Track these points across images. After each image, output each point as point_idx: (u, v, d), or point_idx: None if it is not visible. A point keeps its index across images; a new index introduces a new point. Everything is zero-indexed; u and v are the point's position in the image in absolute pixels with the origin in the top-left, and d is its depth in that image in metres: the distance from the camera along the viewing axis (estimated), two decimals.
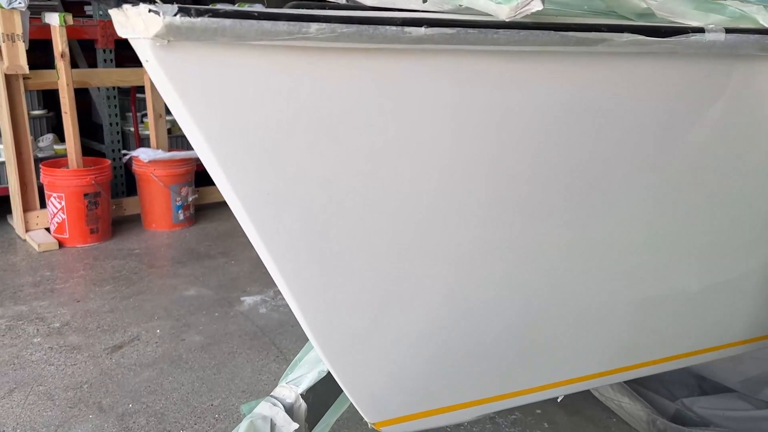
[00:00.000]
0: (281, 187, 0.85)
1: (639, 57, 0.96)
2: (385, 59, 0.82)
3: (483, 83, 0.90)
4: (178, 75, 0.74)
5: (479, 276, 1.12)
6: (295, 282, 0.93)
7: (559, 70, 0.92)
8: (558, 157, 1.03)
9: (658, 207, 1.16)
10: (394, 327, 1.07)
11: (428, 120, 0.89)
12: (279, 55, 0.77)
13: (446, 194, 0.97)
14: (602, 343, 1.31)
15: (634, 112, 1.02)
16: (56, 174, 3.88)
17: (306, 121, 0.82)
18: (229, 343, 2.86)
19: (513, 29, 0.84)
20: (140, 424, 2.28)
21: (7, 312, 3.10)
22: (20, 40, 3.73)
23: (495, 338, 1.19)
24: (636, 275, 1.25)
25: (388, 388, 1.12)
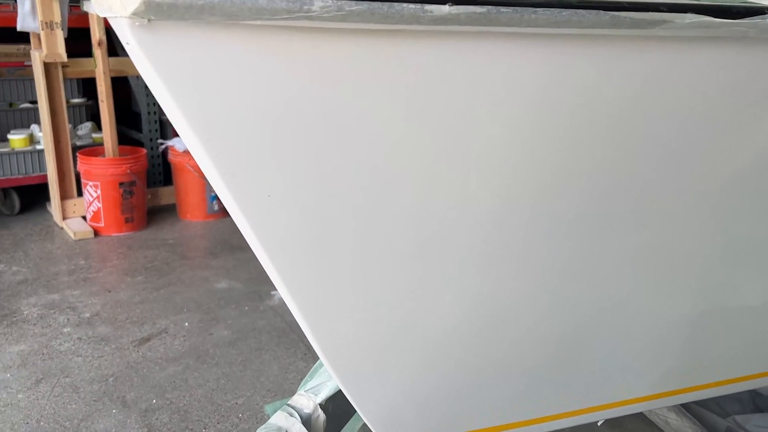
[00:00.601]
0: (283, 188, 0.75)
1: (705, 42, 0.82)
2: (402, 43, 0.71)
3: (518, 72, 0.77)
4: (162, 60, 0.65)
5: (511, 287, 1.00)
6: (300, 294, 0.83)
7: (609, 57, 0.79)
8: (608, 157, 0.90)
9: (719, 214, 1.03)
10: (412, 343, 0.97)
11: (451, 113, 0.78)
12: (277, 37, 0.66)
13: (471, 196, 0.86)
14: (650, 364, 1.18)
15: (700, 106, 0.89)
16: (92, 162, 3.88)
17: (309, 113, 0.72)
18: (257, 339, 2.79)
19: (554, 8, 0.72)
20: (163, 421, 2.23)
21: (40, 300, 3.10)
22: (59, 28, 3.73)
23: (527, 356, 1.07)
24: (693, 290, 1.11)
25: (404, 408, 1.02)
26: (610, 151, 0.89)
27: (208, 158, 0.71)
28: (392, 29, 0.69)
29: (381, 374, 0.97)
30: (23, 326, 2.85)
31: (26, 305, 3.05)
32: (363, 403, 0.98)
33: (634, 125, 0.87)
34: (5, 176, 4.10)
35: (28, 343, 2.71)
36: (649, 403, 1.25)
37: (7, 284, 3.26)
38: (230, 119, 0.70)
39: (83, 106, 4.58)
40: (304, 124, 0.73)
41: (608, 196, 0.95)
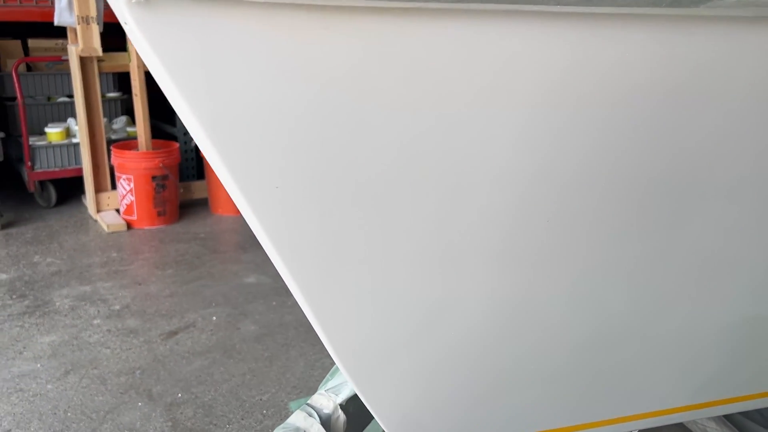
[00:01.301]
0: (293, 181, 0.70)
1: (759, 23, 0.75)
2: (423, 22, 0.65)
3: (547, 58, 0.71)
4: (162, 41, 0.60)
5: (533, 290, 0.94)
6: (308, 283, 0.79)
7: (650, 40, 0.72)
8: (646, 150, 0.83)
9: (765, 216, 0.95)
10: (426, 339, 0.91)
11: (475, 101, 0.72)
12: (286, 17, 0.61)
13: (492, 192, 0.80)
14: (688, 373, 1.10)
15: (751, 95, 0.81)
16: (125, 156, 3.92)
17: (320, 100, 0.67)
18: (284, 335, 2.77)
19: None
20: (187, 415, 2.22)
21: (73, 292, 3.13)
22: (94, 22, 3.77)
23: (553, 362, 1.01)
24: (736, 296, 1.03)
25: (420, 412, 0.97)
26: (647, 145, 0.82)
27: (211, 146, 0.67)
28: (411, 7, 0.63)
29: (396, 377, 0.92)
30: (55, 317, 2.88)
31: (58, 296, 3.08)
32: (378, 405, 0.93)
33: (678, 116, 0.80)
34: (42, 169, 4.17)
35: (58, 334, 2.74)
36: (687, 414, 1.18)
37: (41, 275, 3.31)
38: (235, 105, 0.66)
39: (118, 100, 4.63)
40: (315, 112, 0.68)
41: (642, 192, 0.88)
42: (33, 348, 2.63)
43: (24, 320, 2.85)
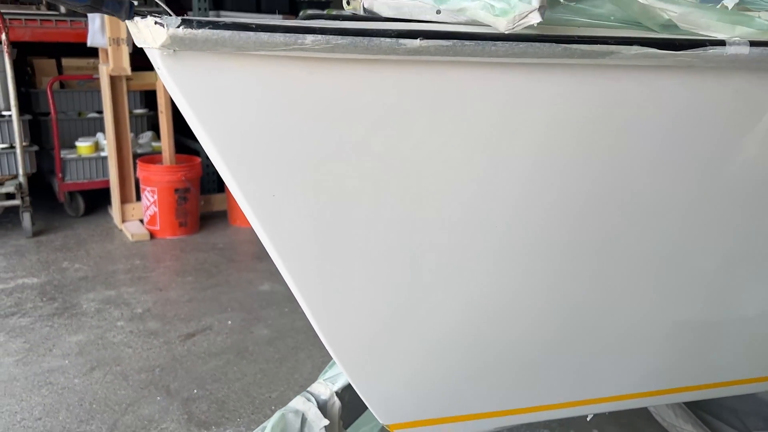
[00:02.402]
0: (287, 190, 0.88)
1: (656, 70, 0.92)
2: (383, 70, 0.83)
3: (484, 96, 0.89)
4: (185, 82, 0.79)
5: (510, 284, 1.10)
6: (303, 280, 0.96)
7: (566, 83, 0.90)
8: (580, 172, 1.00)
9: (678, 226, 1.10)
10: (409, 331, 1.08)
11: (428, 129, 0.90)
12: (279, 64, 0.80)
13: (452, 200, 0.97)
14: (637, 364, 1.25)
15: (651, 128, 0.98)
16: (150, 169, 4.14)
17: (307, 128, 0.85)
18: (294, 338, 2.94)
19: (513, 41, 0.83)
20: (202, 409, 2.39)
21: (99, 296, 3.34)
22: (125, 44, 4.02)
23: (519, 349, 1.17)
24: (688, 293, 1.19)
25: (401, 391, 1.13)
26: (572, 166, 0.99)
27: (223, 163, 0.85)
28: (372, 59, 0.82)
29: (379, 359, 1.08)
30: (82, 318, 3.08)
31: (85, 300, 3.29)
32: (366, 389, 1.09)
33: (590, 144, 0.97)
34: (72, 180, 4.41)
35: (85, 334, 2.94)
36: (633, 401, 1.32)
37: (69, 280, 3.52)
38: (241, 131, 0.84)
39: (144, 117, 4.87)
40: (303, 137, 0.86)
41: (587, 209, 1.04)
42: (62, 346, 2.83)
43: (53, 321, 3.06)
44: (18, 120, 3.99)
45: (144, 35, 0.79)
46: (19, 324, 3.02)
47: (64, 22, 4.33)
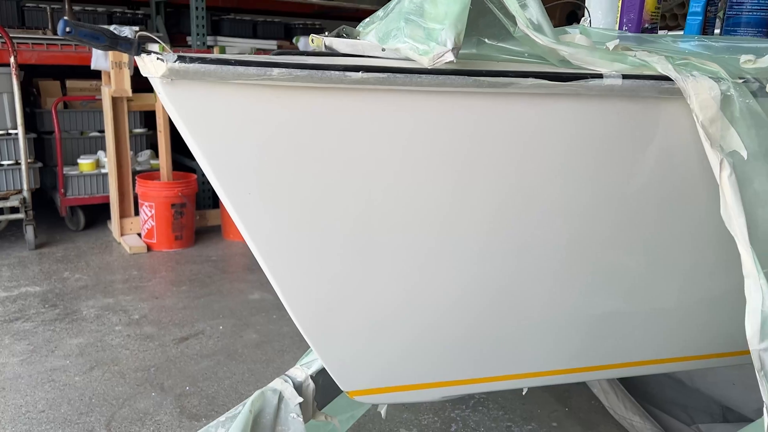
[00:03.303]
0: (259, 188, 1.10)
1: (549, 97, 1.15)
2: (333, 96, 1.06)
3: (415, 117, 1.11)
4: (180, 104, 1.01)
5: (443, 274, 1.31)
6: (267, 249, 1.16)
7: (478, 107, 1.12)
8: (492, 185, 1.23)
9: (576, 225, 1.32)
10: (359, 308, 1.28)
11: (370, 144, 1.12)
12: (252, 90, 1.02)
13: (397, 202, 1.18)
14: (561, 343, 1.46)
15: (548, 144, 1.20)
16: (148, 185, 4.36)
17: (279, 144, 1.08)
18: (281, 342, 3.15)
19: (434, 74, 1.06)
20: (193, 403, 2.59)
21: (98, 303, 3.54)
22: (126, 67, 4.26)
23: (456, 328, 1.37)
24: (584, 289, 1.40)
25: (357, 361, 1.34)
26: (486, 176, 1.21)
27: (209, 167, 1.07)
28: (325, 87, 1.04)
29: (337, 330, 1.28)
30: (82, 323, 3.28)
31: (85, 306, 3.49)
32: (322, 351, 1.30)
33: (500, 158, 1.19)
34: (74, 196, 4.63)
35: (85, 337, 3.13)
36: (562, 377, 1.52)
37: (70, 289, 3.72)
38: (224, 142, 1.06)
39: (144, 136, 5.10)
40: (272, 147, 1.08)
41: (498, 207, 1.26)
42: (63, 348, 3.03)
43: (55, 325, 3.26)
44: (24, 138, 4.22)
45: (148, 67, 1.01)
46: (23, 328, 3.21)
47: (69, 46, 4.57)
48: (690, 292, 1.46)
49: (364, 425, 2.47)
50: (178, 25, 6.04)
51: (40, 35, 4.96)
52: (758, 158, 1.15)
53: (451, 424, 2.50)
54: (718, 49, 1.38)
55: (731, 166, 1.14)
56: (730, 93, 1.15)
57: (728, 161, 1.14)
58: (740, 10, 1.59)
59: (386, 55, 1.16)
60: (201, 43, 5.02)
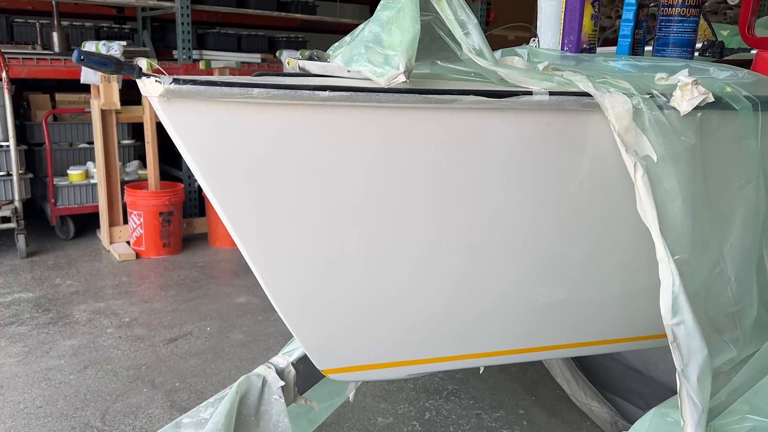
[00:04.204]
0: (243, 189, 1.29)
1: (489, 111, 1.35)
2: (305, 111, 1.25)
3: (374, 129, 1.30)
4: (175, 119, 1.19)
5: (403, 265, 1.50)
6: (250, 244, 1.34)
7: (429, 120, 1.32)
8: (444, 188, 1.43)
9: (529, 223, 1.52)
10: (335, 292, 1.46)
11: (337, 154, 1.31)
12: (236, 107, 1.20)
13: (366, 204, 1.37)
14: (513, 325, 1.65)
15: (489, 151, 1.40)
16: (137, 194, 4.52)
17: (259, 153, 1.27)
18: (266, 342, 3.32)
19: (390, 93, 1.25)
20: (183, 398, 2.76)
21: (89, 307, 3.69)
22: (115, 81, 4.43)
23: (420, 313, 1.55)
24: (535, 277, 1.60)
25: (332, 342, 1.52)
26: (439, 179, 1.40)
27: (199, 171, 1.25)
28: (298, 103, 1.23)
29: (312, 312, 1.46)
30: (75, 326, 3.43)
31: (78, 311, 3.64)
32: (298, 333, 1.48)
33: (450, 163, 1.39)
34: (64, 206, 4.77)
35: (78, 339, 3.28)
36: (514, 356, 1.71)
37: (62, 294, 3.87)
38: (212, 150, 1.24)
39: (132, 147, 5.25)
40: (254, 156, 1.27)
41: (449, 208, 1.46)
42: (57, 349, 3.18)
43: (49, 329, 3.40)
44: (15, 150, 4.37)
45: (148, 88, 1.19)
46: (18, 331, 3.36)
47: (59, 60, 4.73)
48: (623, 279, 1.66)
49: (343, 415, 2.65)
50: (164, 39, 6.21)
51: (29, 50, 5.12)
52: (666, 161, 1.35)
53: (425, 412, 2.69)
54: (642, 67, 1.59)
55: (644, 168, 1.34)
56: (640, 106, 1.36)
57: (641, 164, 1.35)
58: (668, 32, 1.80)
59: (351, 75, 1.36)
60: (187, 57, 5.19)
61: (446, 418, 2.65)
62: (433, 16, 1.37)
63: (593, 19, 1.81)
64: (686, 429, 1.40)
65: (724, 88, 1.43)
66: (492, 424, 2.62)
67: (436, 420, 2.63)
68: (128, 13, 6.23)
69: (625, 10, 1.77)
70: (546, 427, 2.61)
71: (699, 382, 1.38)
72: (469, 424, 2.62)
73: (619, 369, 2.92)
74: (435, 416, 2.66)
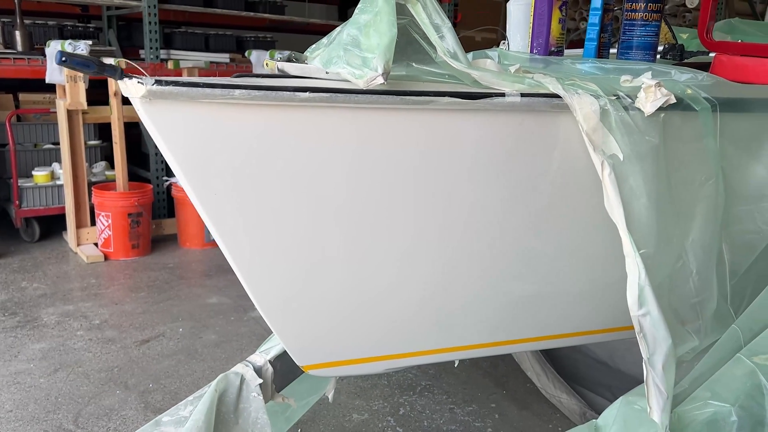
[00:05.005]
0: (223, 188, 1.31)
1: (463, 112, 1.40)
2: (285, 111, 1.27)
3: (353, 129, 1.34)
4: (156, 119, 1.21)
5: (382, 264, 1.54)
6: (231, 243, 1.35)
7: (406, 121, 1.36)
8: (419, 187, 1.47)
9: (501, 220, 1.58)
10: (315, 290, 1.49)
11: (317, 154, 1.35)
12: (217, 107, 1.22)
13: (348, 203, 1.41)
14: (487, 320, 1.70)
15: (463, 150, 1.45)
16: (105, 196, 4.47)
17: (240, 152, 1.29)
18: (239, 342, 3.32)
19: (368, 94, 1.29)
20: (157, 399, 2.75)
21: (58, 310, 3.64)
22: (81, 80, 4.38)
23: (398, 309, 1.59)
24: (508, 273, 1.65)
25: (311, 338, 1.55)
26: (415, 178, 1.44)
27: (180, 169, 1.27)
28: (278, 104, 1.26)
29: (294, 311, 1.49)
30: (43, 329, 3.39)
31: (46, 314, 3.59)
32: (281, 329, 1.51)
33: (425, 163, 1.43)
34: (29, 207, 4.69)
35: (47, 342, 3.24)
36: (487, 350, 1.76)
37: (29, 297, 3.81)
38: (197, 153, 1.26)
39: (98, 147, 5.19)
40: (234, 154, 1.29)
41: (426, 206, 1.50)
42: (26, 353, 3.13)
43: (17, 332, 3.35)
44: None
45: (130, 90, 1.20)
46: None
47: (22, 60, 4.65)
48: (591, 273, 1.73)
49: (319, 412, 2.68)
50: (130, 39, 6.13)
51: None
52: (631, 160, 1.42)
53: (400, 408, 2.73)
54: (607, 70, 1.66)
55: (611, 166, 1.41)
56: (607, 107, 1.42)
57: (608, 162, 1.41)
58: (632, 35, 1.88)
59: (329, 77, 1.39)
60: (154, 56, 5.15)
61: (420, 413, 2.69)
62: (409, 19, 1.41)
63: (561, 23, 1.88)
64: (653, 415, 1.46)
65: (685, 90, 1.50)
66: (465, 418, 2.68)
67: (410, 415, 2.68)
68: (93, 12, 6.14)
69: (591, 15, 1.84)
70: (517, 419, 2.68)
71: (664, 370, 1.44)
72: (442, 418, 2.67)
73: (586, 362, 3.00)
74: (409, 411, 2.71)
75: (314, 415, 2.66)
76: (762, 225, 1.68)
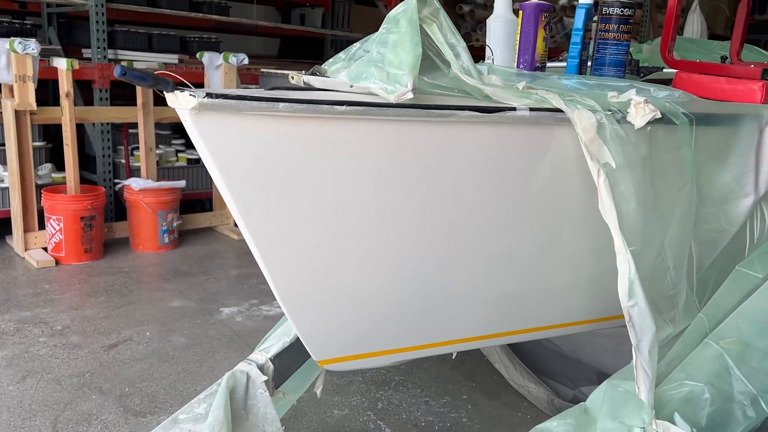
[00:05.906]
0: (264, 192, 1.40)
1: (480, 124, 1.54)
2: (323, 123, 1.37)
3: (384, 140, 1.46)
4: (203, 131, 1.28)
5: (394, 263, 1.66)
6: (265, 247, 1.44)
7: (431, 131, 1.49)
8: (432, 191, 1.60)
9: (497, 222, 1.73)
10: (331, 288, 1.58)
11: (347, 160, 1.45)
12: (262, 119, 1.31)
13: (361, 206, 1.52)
14: (484, 314, 1.85)
15: (478, 158, 1.60)
16: (56, 199, 4.36)
17: (280, 159, 1.38)
18: (210, 344, 3.34)
19: (399, 107, 1.41)
20: (135, 402, 2.75)
21: (14, 317, 3.55)
22: (30, 80, 4.26)
23: (406, 304, 1.72)
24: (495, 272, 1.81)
25: (327, 334, 1.65)
26: (432, 187, 1.58)
27: (220, 176, 1.34)
28: (318, 116, 1.36)
29: (316, 308, 1.58)
30: (2, 337, 3.30)
31: (1, 321, 3.48)
32: (301, 330, 1.60)
33: (444, 169, 1.57)
34: None
35: (9, 350, 3.16)
36: (481, 342, 1.91)
37: None
38: (237, 157, 1.34)
39: (43, 149, 5.03)
40: (277, 161, 1.38)
41: (435, 208, 1.63)
42: None
43: None
44: None
45: (180, 102, 1.27)
46: None
47: None
48: (579, 270, 1.91)
49: (300, 410, 2.76)
50: (71, 37, 5.96)
51: None
52: (623, 168, 1.59)
53: (378, 402, 2.85)
54: (591, 86, 1.84)
55: (605, 173, 1.58)
56: (603, 121, 1.59)
57: (603, 170, 1.58)
58: (605, 53, 2.07)
59: (355, 90, 1.49)
60: (102, 56, 5.04)
61: (398, 407, 2.82)
62: (424, 38, 1.53)
63: (545, 41, 2.05)
64: (641, 395, 1.64)
65: (665, 106, 1.69)
66: (440, 410, 2.82)
67: (388, 409, 2.80)
68: (31, 9, 5.93)
69: (574, 35, 2.01)
70: (488, 408, 2.84)
71: (650, 354, 1.62)
72: (419, 410, 2.80)
73: (546, 354, 3.22)
74: (387, 405, 2.83)
75: (296, 412, 2.73)
76: (725, 225, 1.90)
